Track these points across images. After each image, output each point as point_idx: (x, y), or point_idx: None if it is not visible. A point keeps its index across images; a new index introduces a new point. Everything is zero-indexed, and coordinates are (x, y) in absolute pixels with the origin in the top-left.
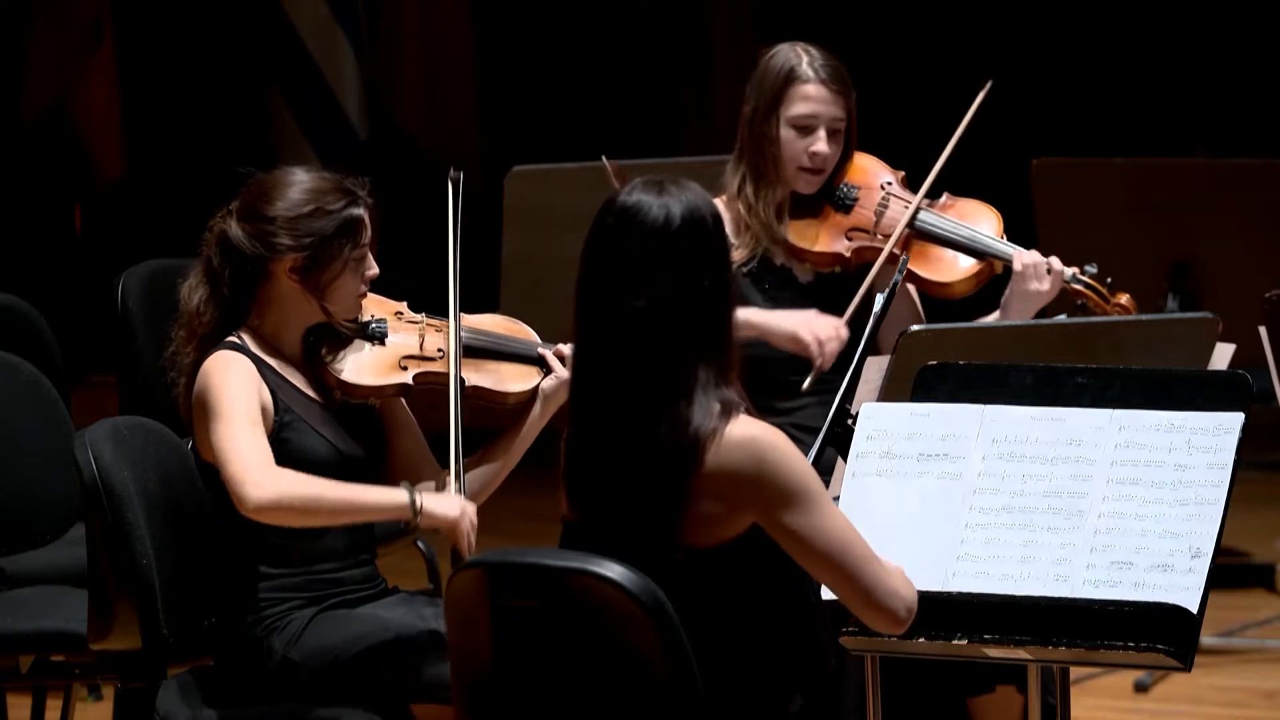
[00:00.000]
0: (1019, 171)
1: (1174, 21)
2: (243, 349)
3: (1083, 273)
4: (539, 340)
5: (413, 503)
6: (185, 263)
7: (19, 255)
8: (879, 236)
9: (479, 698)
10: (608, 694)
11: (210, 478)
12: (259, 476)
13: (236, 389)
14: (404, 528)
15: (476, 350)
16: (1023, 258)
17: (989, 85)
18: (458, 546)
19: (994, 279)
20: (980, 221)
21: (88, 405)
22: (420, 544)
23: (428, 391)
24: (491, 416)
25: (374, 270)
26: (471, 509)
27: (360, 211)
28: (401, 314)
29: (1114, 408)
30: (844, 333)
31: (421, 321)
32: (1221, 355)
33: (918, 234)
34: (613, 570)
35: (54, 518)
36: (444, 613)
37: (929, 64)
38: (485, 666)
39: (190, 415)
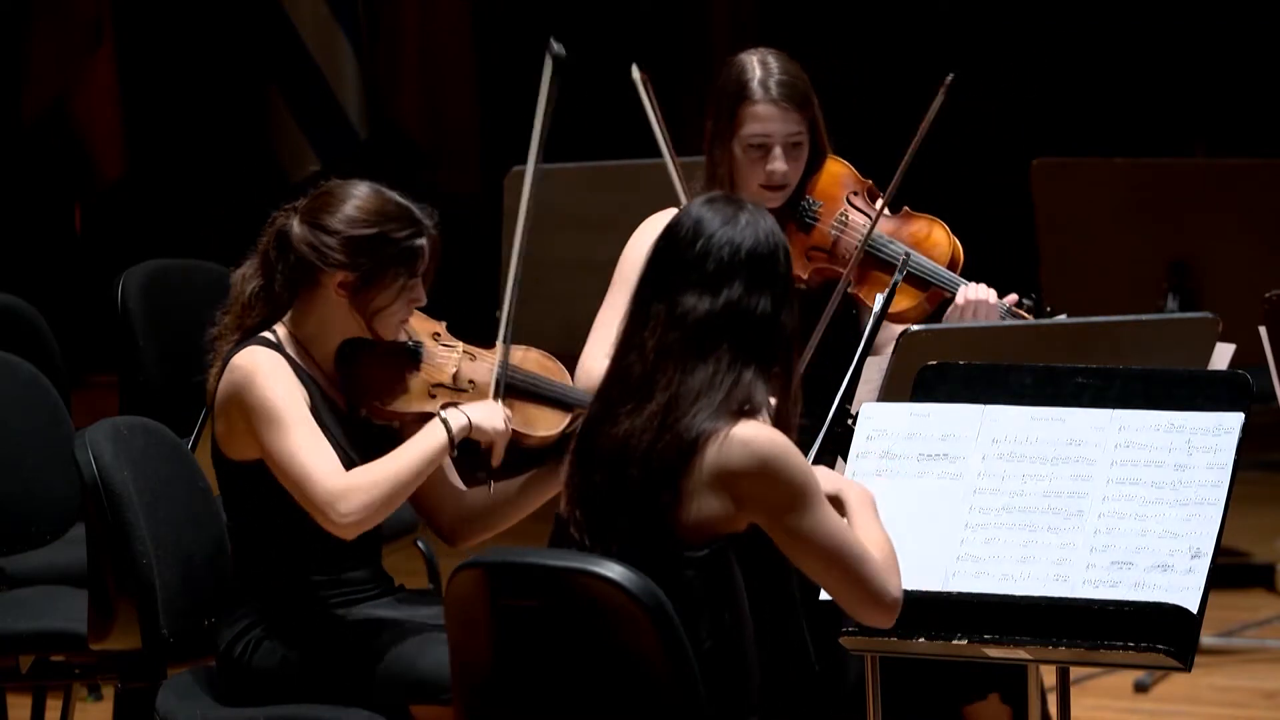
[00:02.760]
0: (1019, 171)
1: (1174, 21)
2: (277, 347)
3: (1019, 305)
4: (572, 385)
5: (451, 440)
6: (185, 263)
7: (19, 255)
8: (836, 258)
9: (479, 698)
10: (608, 694)
11: (229, 474)
12: (341, 497)
13: (286, 393)
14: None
15: (510, 388)
16: (965, 293)
17: (949, 80)
18: (494, 457)
19: (944, 302)
20: (932, 246)
21: (88, 405)
22: (420, 544)
23: None
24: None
25: (422, 300)
26: (507, 415)
27: (423, 243)
28: (439, 335)
29: (1114, 408)
30: None
31: (458, 348)
32: (1221, 355)
33: (871, 259)
34: (613, 570)
35: (54, 518)
36: (444, 613)
37: (929, 64)
38: (485, 666)
39: (215, 403)
